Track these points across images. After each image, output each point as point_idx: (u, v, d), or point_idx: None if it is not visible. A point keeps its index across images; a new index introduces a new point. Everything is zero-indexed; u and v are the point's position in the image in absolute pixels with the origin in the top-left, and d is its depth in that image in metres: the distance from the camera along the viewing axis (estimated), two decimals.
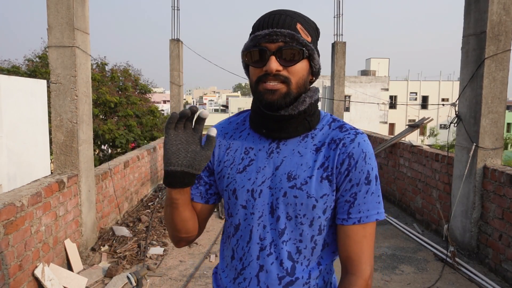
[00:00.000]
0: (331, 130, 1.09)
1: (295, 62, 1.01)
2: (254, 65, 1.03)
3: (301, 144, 1.07)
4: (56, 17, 3.81)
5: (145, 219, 5.25)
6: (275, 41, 0.99)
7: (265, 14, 1.06)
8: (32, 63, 16.53)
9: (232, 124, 1.18)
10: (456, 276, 3.80)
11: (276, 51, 0.99)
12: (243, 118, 1.19)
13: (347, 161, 1.03)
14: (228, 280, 1.13)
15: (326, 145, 1.06)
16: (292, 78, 1.01)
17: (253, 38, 1.02)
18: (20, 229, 2.98)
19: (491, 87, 3.94)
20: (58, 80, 3.88)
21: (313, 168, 1.04)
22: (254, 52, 1.02)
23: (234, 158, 1.11)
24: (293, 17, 1.03)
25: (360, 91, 30.94)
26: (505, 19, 3.89)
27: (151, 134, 15.43)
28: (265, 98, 1.01)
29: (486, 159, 4.01)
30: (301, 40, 1.00)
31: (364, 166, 1.04)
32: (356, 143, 1.05)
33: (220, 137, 1.16)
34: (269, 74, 1.00)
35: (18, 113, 6.89)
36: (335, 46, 10.09)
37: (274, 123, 1.06)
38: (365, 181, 1.04)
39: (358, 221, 1.04)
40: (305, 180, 1.03)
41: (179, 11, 10.24)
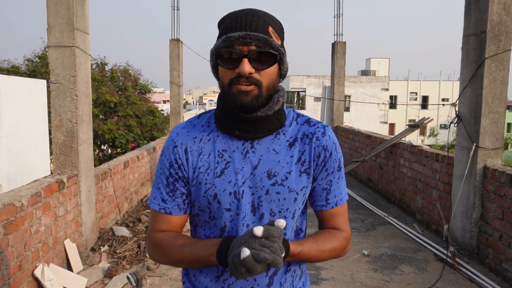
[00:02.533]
0: (300, 125, 1.15)
1: (267, 66, 1.03)
2: (225, 66, 1.04)
3: (275, 141, 1.11)
4: (56, 17, 3.80)
5: (145, 219, 5.25)
6: (248, 44, 1.00)
7: (236, 14, 1.05)
8: (31, 63, 16.53)
9: (197, 127, 1.14)
10: (456, 276, 3.80)
11: (249, 54, 1.00)
12: (206, 119, 1.16)
13: (323, 153, 1.12)
14: (209, 279, 1.13)
15: (299, 140, 1.12)
16: (263, 81, 1.03)
17: (225, 39, 1.01)
18: (20, 229, 2.98)
19: (491, 87, 3.94)
20: (58, 80, 3.87)
21: (291, 163, 1.10)
22: (226, 53, 1.02)
23: (209, 162, 1.09)
24: (266, 20, 1.04)
25: (360, 91, 30.93)
26: (506, 19, 3.89)
27: (151, 134, 15.43)
28: (239, 99, 1.02)
29: (486, 159, 4.01)
30: (274, 44, 1.02)
31: (336, 156, 1.14)
32: (327, 136, 1.13)
33: (189, 142, 1.12)
34: (241, 76, 1.01)
35: (18, 113, 6.88)
36: (335, 46, 10.09)
37: (248, 124, 1.07)
38: (337, 169, 1.15)
39: (335, 205, 1.16)
40: (285, 176, 1.08)
41: (179, 11, 10.24)
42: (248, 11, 1.05)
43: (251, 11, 1.05)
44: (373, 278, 3.77)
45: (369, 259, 4.21)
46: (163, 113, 19.68)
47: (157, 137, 14.34)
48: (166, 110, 24.98)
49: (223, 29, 1.05)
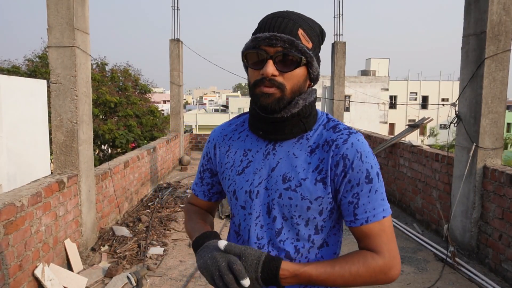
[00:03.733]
0: (325, 130, 1.08)
1: (291, 69, 1.01)
2: (252, 66, 1.04)
3: (296, 145, 1.08)
4: (56, 17, 3.81)
5: (145, 219, 5.25)
6: (274, 45, 0.99)
7: (269, 15, 1.05)
8: (32, 63, 16.52)
9: (232, 126, 1.21)
10: (456, 276, 3.80)
11: (274, 55, 1.00)
12: (242, 119, 1.22)
13: (342, 163, 1.02)
14: None
15: (320, 147, 1.06)
16: (287, 84, 1.01)
17: (253, 39, 1.02)
18: (20, 229, 2.98)
19: (491, 87, 3.94)
20: (58, 80, 3.88)
21: (308, 170, 1.05)
22: (253, 53, 1.02)
23: (234, 160, 1.14)
24: (296, 22, 1.02)
25: (360, 91, 30.93)
26: (505, 19, 3.89)
27: (151, 134, 15.42)
28: (260, 101, 1.03)
29: (486, 159, 4.01)
30: (300, 47, 1.00)
31: (362, 166, 1.02)
32: (349, 143, 1.03)
33: (219, 139, 1.20)
34: (265, 78, 1.00)
35: (18, 113, 6.88)
36: (335, 46, 10.09)
37: (269, 125, 1.07)
38: (365, 180, 1.02)
39: (365, 222, 1.03)
40: (299, 182, 1.04)
41: (179, 11, 10.24)
42: (281, 13, 1.04)
43: (284, 13, 1.04)
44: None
45: None
46: (163, 113, 19.67)
47: (157, 137, 14.33)
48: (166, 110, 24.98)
49: (255, 30, 1.05)
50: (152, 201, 6.29)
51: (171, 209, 5.86)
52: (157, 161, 7.58)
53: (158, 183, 7.59)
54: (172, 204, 6.10)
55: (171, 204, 6.09)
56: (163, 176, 8.11)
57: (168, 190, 6.96)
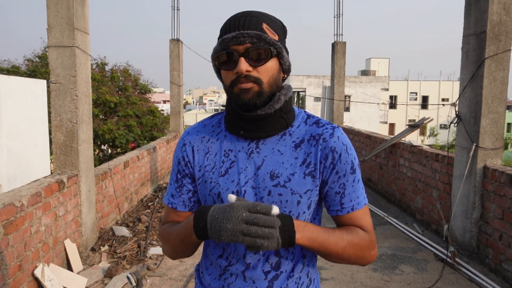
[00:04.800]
0: (308, 126, 1.11)
1: (264, 62, 1.02)
2: (224, 68, 1.05)
3: (280, 142, 1.09)
4: (56, 17, 3.80)
5: (145, 219, 5.25)
6: (242, 43, 1.01)
7: (231, 17, 1.07)
8: (32, 63, 16.52)
9: (208, 127, 1.18)
10: (456, 276, 3.80)
11: (244, 52, 1.01)
12: (217, 120, 1.18)
13: (331, 155, 1.07)
14: (213, 278, 1.14)
15: (305, 141, 1.09)
16: (263, 77, 1.03)
17: (221, 41, 1.03)
18: (20, 229, 2.98)
19: (491, 87, 3.94)
20: (58, 80, 3.88)
21: (295, 165, 1.07)
22: (223, 55, 1.03)
23: (215, 162, 1.11)
24: (259, 18, 1.04)
25: (360, 91, 30.93)
26: (506, 19, 3.89)
27: (151, 134, 15.41)
28: (241, 98, 1.03)
29: (486, 159, 4.01)
30: (268, 39, 1.02)
31: (348, 157, 1.08)
32: (335, 137, 1.08)
33: (197, 141, 1.16)
34: (240, 75, 1.02)
35: (18, 113, 6.88)
36: (335, 46, 10.09)
37: (251, 123, 1.07)
38: (350, 171, 1.09)
39: (351, 209, 1.10)
40: (288, 178, 1.06)
41: (179, 11, 10.24)
42: (242, 12, 1.06)
43: (245, 12, 1.06)
44: (373, 278, 3.77)
45: None
46: (163, 113, 19.67)
47: (157, 137, 14.33)
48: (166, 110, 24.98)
49: (220, 33, 1.07)
50: (152, 201, 6.29)
51: None
52: (157, 161, 7.57)
53: (158, 183, 7.58)
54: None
55: None
56: (163, 176, 8.11)
57: None
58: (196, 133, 1.17)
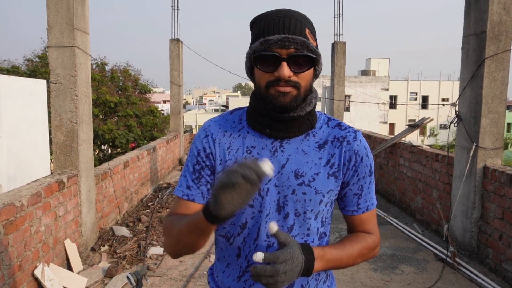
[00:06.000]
0: (331, 128, 1.14)
1: (306, 69, 1.03)
2: (263, 69, 1.03)
3: (304, 142, 1.11)
4: (56, 17, 3.80)
5: (145, 219, 5.25)
6: (287, 47, 0.99)
7: (272, 15, 1.04)
8: (32, 63, 16.51)
9: (229, 122, 1.16)
10: (456, 276, 3.80)
11: (287, 57, 1.00)
12: (238, 116, 1.17)
13: (354, 158, 1.11)
14: (231, 280, 1.13)
15: (329, 143, 1.12)
16: (301, 82, 1.04)
17: (263, 42, 1.01)
18: (20, 229, 2.98)
19: (491, 87, 3.94)
20: (58, 80, 3.87)
21: (319, 165, 1.09)
22: (265, 56, 1.02)
23: (237, 157, 1.11)
24: (302, 22, 1.03)
25: (360, 91, 30.93)
26: (506, 19, 3.89)
27: (151, 134, 15.40)
28: (279, 101, 1.03)
29: (486, 159, 4.01)
30: (311, 47, 1.02)
31: (368, 161, 1.14)
32: (358, 140, 1.13)
33: (219, 134, 1.14)
34: (280, 79, 1.01)
35: (18, 113, 6.88)
36: (335, 46, 10.09)
37: (280, 123, 1.07)
38: (368, 173, 1.15)
39: (366, 210, 1.16)
40: (312, 177, 1.08)
41: (179, 11, 10.25)
42: (285, 13, 1.04)
43: (288, 13, 1.04)
44: (373, 278, 3.77)
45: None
46: (163, 113, 19.66)
47: (157, 137, 14.32)
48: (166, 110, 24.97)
49: (259, 31, 1.04)
50: (152, 201, 6.29)
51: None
52: (157, 161, 7.57)
53: (158, 183, 7.58)
54: (172, 204, 6.10)
55: (171, 204, 6.09)
56: (163, 176, 8.11)
57: (168, 190, 6.96)
58: (218, 126, 1.15)
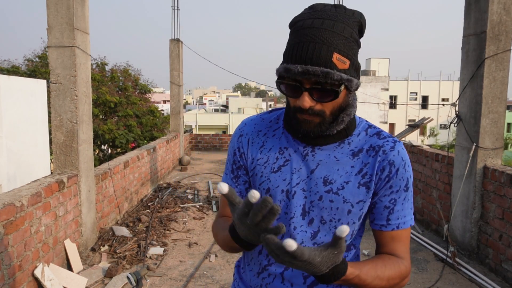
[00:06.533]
0: (368, 136, 1.08)
1: (329, 100, 0.97)
2: (288, 94, 1.01)
3: (337, 149, 1.06)
4: (56, 17, 3.80)
5: (145, 219, 5.25)
6: (307, 78, 0.94)
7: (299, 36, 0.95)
8: (32, 63, 16.51)
9: (265, 122, 1.15)
10: (456, 276, 3.80)
11: (309, 88, 0.96)
12: (276, 116, 1.15)
13: (388, 168, 1.04)
14: (252, 274, 1.14)
15: (364, 151, 1.06)
16: (326, 110, 0.99)
17: (286, 70, 0.96)
18: (20, 229, 2.98)
19: (491, 87, 3.94)
20: (58, 80, 3.88)
21: (350, 173, 1.04)
22: (288, 84, 0.99)
23: (268, 157, 1.09)
24: (330, 45, 0.93)
25: (360, 91, 30.91)
26: (506, 19, 3.89)
27: (151, 134, 15.41)
28: (302, 127, 1.01)
29: (486, 159, 4.01)
30: (336, 77, 0.93)
31: (404, 174, 1.05)
32: (396, 151, 1.05)
33: (253, 134, 1.13)
34: (302, 109, 0.98)
35: (18, 113, 6.88)
36: None
37: (311, 140, 1.05)
38: (404, 188, 1.06)
39: (397, 227, 1.06)
40: (341, 185, 1.03)
41: (179, 11, 10.25)
42: (312, 34, 0.93)
43: (315, 34, 0.93)
44: None
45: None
46: (163, 113, 19.66)
47: (157, 137, 14.32)
48: (166, 110, 24.97)
49: (286, 50, 0.98)
50: (152, 201, 6.29)
51: (171, 209, 5.86)
52: (157, 161, 7.57)
53: (158, 183, 7.58)
54: (172, 204, 6.09)
55: (171, 204, 6.09)
56: (163, 176, 8.11)
57: (168, 190, 6.96)
58: (253, 126, 1.14)
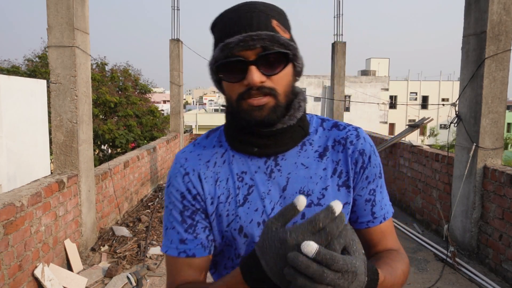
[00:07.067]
0: (327, 131, 0.96)
1: (280, 69, 0.83)
2: (230, 79, 0.85)
3: (302, 154, 0.92)
4: (56, 17, 3.80)
5: (145, 219, 5.25)
6: (252, 48, 0.80)
7: (229, 13, 0.85)
8: (32, 63, 16.52)
9: (208, 149, 0.95)
10: (456, 276, 3.80)
11: (255, 60, 0.81)
12: (217, 138, 0.97)
13: (361, 159, 0.93)
14: None
15: (330, 148, 0.94)
16: (279, 88, 0.84)
17: (223, 47, 0.82)
18: (20, 229, 2.98)
19: (491, 87, 3.94)
20: (58, 80, 3.88)
21: (326, 177, 0.91)
22: (229, 64, 0.83)
23: (229, 189, 0.91)
24: (268, 13, 0.84)
25: (360, 91, 30.95)
26: (506, 19, 3.89)
27: (151, 134, 15.41)
28: (254, 116, 0.84)
29: (486, 159, 4.01)
30: (283, 40, 0.82)
31: (376, 160, 0.96)
32: (362, 138, 0.95)
33: (202, 168, 0.92)
34: (251, 88, 0.82)
35: (18, 113, 6.88)
36: (335, 46, 10.09)
37: (268, 138, 0.89)
38: (379, 175, 0.96)
39: (384, 219, 0.96)
40: (321, 194, 0.90)
41: (179, 11, 10.25)
42: (246, 7, 0.84)
43: (250, 6, 0.84)
44: None
45: None
46: (163, 113, 19.66)
47: (157, 137, 14.32)
48: (166, 110, 24.96)
49: (219, 35, 0.86)
50: (152, 201, 6.29)
51: None
52: (157, 161, 7.57)
53: (158, 183, 7.58)
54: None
55: None
56: (163, 176, 8.11)
57: None
58: (197, 158, 0.94)
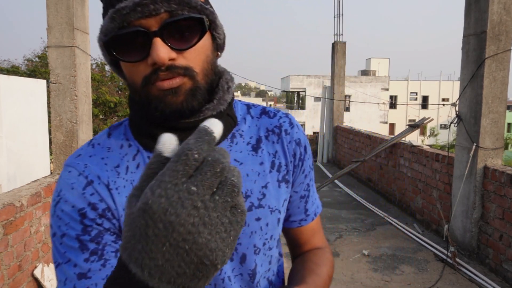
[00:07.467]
0: (256, 119, 0.80)
1: (195, 42, 0.63)
2: (128, 59, 0.63)
3: (233, 148, 0.75)
4: (55, 17, 3.80)
5: None
6: (154, 14, 0.59)
7: None
8: (31, 63, 16.54)
9: (115, 151, 0.72)
10: (457, 276, 3.80)
11: (160, 29, 0.60)
12: (122, 136, 0.73)
13: (298, 150, 0.81)
14: None
15: (263, 139, 0.79)
16: (194, 65, 0.64)
17: (114, 15, 0.60)
18: (20, 229, 2.98)
19: (492, 87, 3.93)
20: (58, 80, 3.87)
21: (264, 173, 0.76)
22: (123, 38, 0.61)
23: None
24: None
25: (360, 91, 30.97)
26: (506, 18, 3.89)
27: None
28: (167, 103, 0.63)
29: (486, 159, 4.00)
30: (194, 3, 0.62)
31: (309, 150, 0.84)
32: (295, 126, 0.82)
33: (110, 174, 0.69)
34: (159, 68, 0.62)
35: (18, 113, 6.88)
36: (335, 46, 10.10)
37: (187, 132, 0.67)
38: (311, 167, 0.85)
39: (315, 215, 0.87)
40: (261, 193, 0.75)
41: None
42: None
43: None
44: (373, 278, 3.77)
45: (369, 259, 4.21)
46: None
47: None
48: None
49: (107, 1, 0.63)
50: None
51: None
52: None
53: None
54: None
55: None
56: None
57: None
58: (101, 162, 0.70)
